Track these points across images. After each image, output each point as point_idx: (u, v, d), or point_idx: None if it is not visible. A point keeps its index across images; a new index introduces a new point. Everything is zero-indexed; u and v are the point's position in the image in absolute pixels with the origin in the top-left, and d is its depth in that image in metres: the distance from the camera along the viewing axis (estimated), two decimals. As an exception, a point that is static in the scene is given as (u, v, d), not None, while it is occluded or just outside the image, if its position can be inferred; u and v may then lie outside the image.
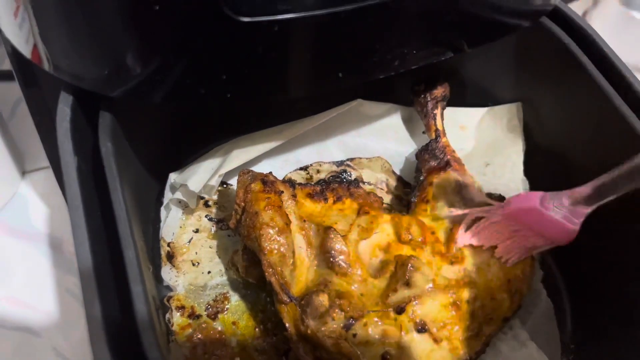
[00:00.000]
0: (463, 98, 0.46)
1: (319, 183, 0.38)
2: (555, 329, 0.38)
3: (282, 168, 0.44)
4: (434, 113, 0.42)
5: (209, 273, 0.39)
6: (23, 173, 0.49)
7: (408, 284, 0.32)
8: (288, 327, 0.32)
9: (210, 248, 0.40)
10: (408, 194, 0.43)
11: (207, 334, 0.36)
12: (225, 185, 0.43)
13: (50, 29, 0.27)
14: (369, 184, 0.44)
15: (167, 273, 0.38)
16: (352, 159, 0.45)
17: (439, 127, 0.41)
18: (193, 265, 0.39)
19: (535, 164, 0.42)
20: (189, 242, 0.40)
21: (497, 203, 0.35)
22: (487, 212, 0.35)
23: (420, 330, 0.31)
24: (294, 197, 0.35)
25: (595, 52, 0.36)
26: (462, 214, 0.36)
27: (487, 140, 0.45)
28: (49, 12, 0.26)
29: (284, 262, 0.32)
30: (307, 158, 0.44)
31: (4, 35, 0.30)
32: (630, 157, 0.27)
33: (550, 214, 0.31)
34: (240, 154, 0.40)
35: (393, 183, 0.45)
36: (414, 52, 0.30)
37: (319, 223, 0.35)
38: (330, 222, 0.35)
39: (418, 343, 0.31)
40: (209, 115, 0.42)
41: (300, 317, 0.31)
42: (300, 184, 0.37)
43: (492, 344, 0.36)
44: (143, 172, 0.38)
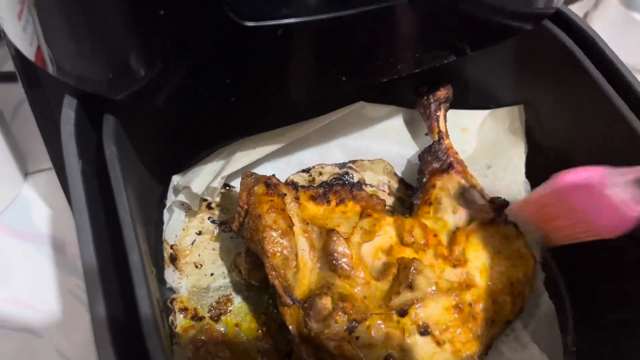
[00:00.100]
0: (465, 100, 0.46)
1: (322, 185, 0.38)
2: (557, 331, 0.38)
3: (284, 170, 0.44)
4: (437, 115, 0.42)
5: (212, 275, 0.39)
6: (25, 174, 0.49)
7: (411, 287, 0.32)
8: (291, 329, 0.32)
9: (213, 250, 0.40)
10: (410, 196, 0.43)
11: (210, 336, 0.36)
12: (228, 188, 0.43)
13: (55, 32, 0.27)
14: (371, 186, 0.44)
15: (170, 275, 0.38)
16: (354, 161, 0.45)
17: (442, 129, 0.41)
18: (196, 268, 0.39)
19: (537, 166, 0.43)
20: (192, 244, 0.40)
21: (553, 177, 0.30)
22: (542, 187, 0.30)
23: (423, 333, 0.32)
24: (297, 199, 0.35)
25: (596, 53, 0.36)
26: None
27: (488, 143, 0.45)
28: (53, 14, 0.26)
29: (287, 264, 0.32)
30: (309, 160, 0.45)
31: (8, 38, 0.30)
32: (632, 158, 0.26)
33: (610, 196, 0.26)
34: (243, 157, 0.40)
35: (395, 185, 0.45)
36: (417, 55, 0.30)
37: (322, 225, 0.35)
38: (333, 224, 0.36)
39: (421, 346, 0.31)
40: (212, 118, 0.42)
41: (303, 319, 0.31)
42: (303, 187, 0.37)
43: (494, 346, 0.36)
44: (146, 174, 0.38)
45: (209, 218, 0.41)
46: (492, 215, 0.36)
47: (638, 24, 0.57)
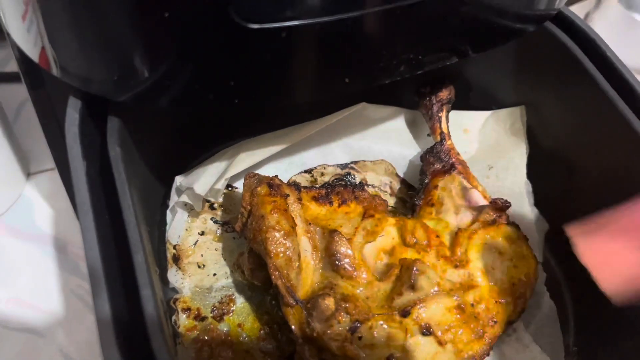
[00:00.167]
0: (466, 101, 0.46)
1: (324, 186, 0.39)
2: (559, 332, 0.38)
3: (286, 171, 0.44)
4: (439, 116, 0.42)
5: (215, 275, 0.39)
6: (28, 175, 0.49)
7: (413, 287, 0.32)
8: (294, 329, 0.32)
9: (216, 250, 0.40)
10: (412, 197, 0.43)
11: (212, 336, 0.36)
12: (231, 188, 0.43)
13: (59, 34, 0.27)
14: (373, 187, 0.44)
15: (173, 275, 0.38)
16: (356, 162, 0.45)
17: (444, 129, 0.41)
18: (199, 268, 0.39)
19: (538, 167, 0.43)
20: (195, 244, 0.40)
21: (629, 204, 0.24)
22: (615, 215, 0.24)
23: (425, 333, 0.32)
24: (300, 200, 0.36)
25: (597, 54, 0.36)
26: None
27: (490, 144, 0.45)
28: (58, 16, 0.26)
29: (290, 265, 0.33)
30: (311, 161, 0.45)
31: (12, 39, 0.30)
32: (633, 159, 0.25)
33: None
34: (246, 158, 0.40)
35: (397, 186, 0.45)
36: (420, 57, 0.30)
37: (324, 226, 0.35)
38: (336, 225, 0.36)
39: (423, 346, 0.32)
40: (215, 119, 0.42)
41: (306, 319, 0.31)
42: (306, 187, 0.37)
43: (495, 347, 0.36)
44: (149, 175, 0.38)
45: (212, 218, 0.41)
46: (493, 216, 0.37)
47: (638, 25, 0.57)
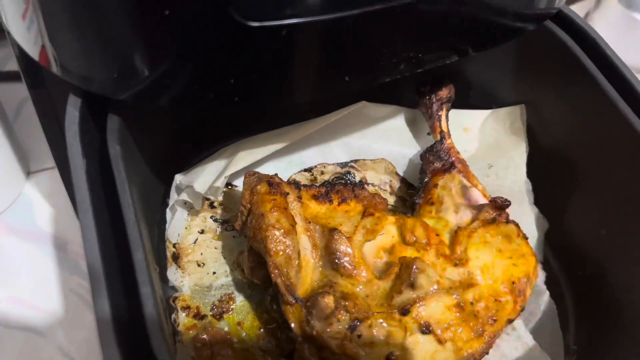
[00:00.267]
0: (466, 100, 0.46)
1: (324, 184, 0.39)
2: (558, 330, 0.38)
3: (286, 169, 0.44)
4: (439, 114, 0.42)
5: (214, 274, 0.39)
6: (28, 174, 0.49)
7: (413, 286, 0.32)
8: (293, 327, 0.32)
9: (216, 249, 0.40)
10: (412, 196, 0.43)
11: (212, 334, 0.36)
12: (231, 187, 0.43)
13: (59, 32, 0.27)
14: (373, 186, 0.44)
15: (172, 274, 0.38)
16: (356, 161, 0.45)
17: (444, 128, 0.41)
18: (198, 266, 0.39)
19: (538, 166, 0.43)
20: (194, 243, 0.40)
21: None
22: None
23: (425, 332, 0.32)
24: (299, 198, 0.36)
25: (597, 53, 0.36)
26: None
27: (490, 142, 0.45)
28: (58, 14, 0.26)
29: (290, 263, 0.33)
30: (311, 160, 0.45)
31: (12, 37, 0.30)
32: (633, 159, 0.26)
33: None
34: (246, 156, 0.40)
35: (397, 184, 0.45)
36: (420, 55, 0.30)
37: (324, 224, 0.35)
38: (335, 223, 0.36)
39: (422, 344, 0.31)
40: (215, 118, 0.42)
41: (306, 318, 0.31)
42: (305, 186, 0.37)
43: (495, 345, 0.36)
44: (149, 173, 0.38)
45: (212, 217, 0.41)
46: (493, 215, 0.37)
47: (638, 24, 0.57)
